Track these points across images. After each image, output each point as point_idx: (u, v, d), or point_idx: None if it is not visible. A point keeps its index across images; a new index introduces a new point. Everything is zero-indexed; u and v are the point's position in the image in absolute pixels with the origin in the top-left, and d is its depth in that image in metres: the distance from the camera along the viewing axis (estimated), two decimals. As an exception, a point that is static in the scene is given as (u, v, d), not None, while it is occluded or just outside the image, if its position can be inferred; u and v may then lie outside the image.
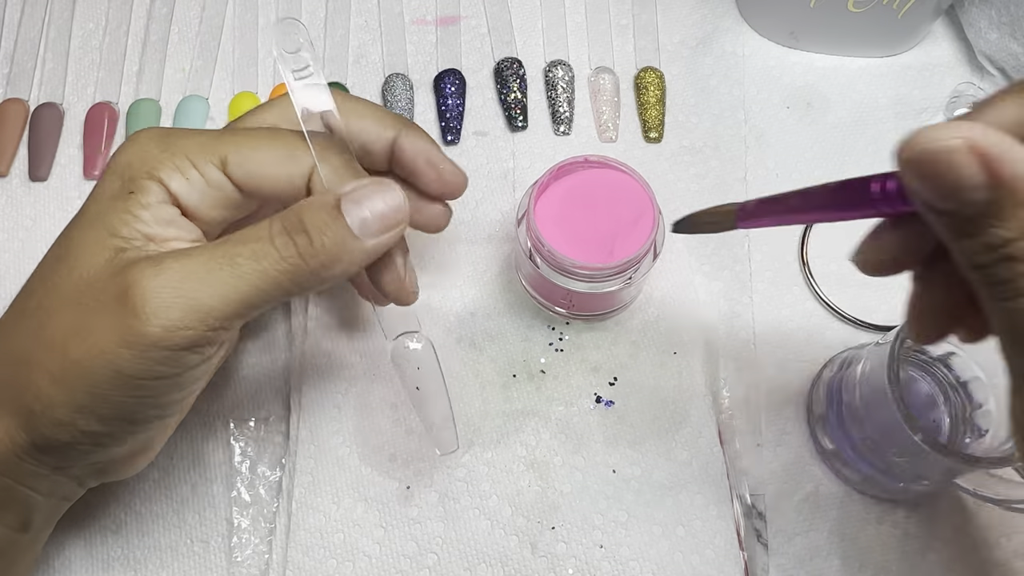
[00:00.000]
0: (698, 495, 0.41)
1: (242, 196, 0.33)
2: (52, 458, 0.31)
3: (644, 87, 0.51)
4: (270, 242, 0.30)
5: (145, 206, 0.31)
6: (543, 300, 0.44)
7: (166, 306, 0.28)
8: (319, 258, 0.30)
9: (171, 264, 0.29)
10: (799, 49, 0.53)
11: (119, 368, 0.29)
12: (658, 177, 0.49)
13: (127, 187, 0.31)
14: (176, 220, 0.32)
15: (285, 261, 0.30)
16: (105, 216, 0.31)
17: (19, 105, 0.50)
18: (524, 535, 0.40)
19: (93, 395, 0.29)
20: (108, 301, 0.29)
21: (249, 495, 0.41)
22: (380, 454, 0.42)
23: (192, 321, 0.29)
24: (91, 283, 0.30)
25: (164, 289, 0.28)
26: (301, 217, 0.30)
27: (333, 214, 0.30)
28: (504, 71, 0.51)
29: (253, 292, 0.29)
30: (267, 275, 0.29)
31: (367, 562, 0.40)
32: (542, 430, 0.43)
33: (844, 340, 0.46)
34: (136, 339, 0.28)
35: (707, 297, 0.46)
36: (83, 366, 0.29)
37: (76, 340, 0.29)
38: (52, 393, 0.29)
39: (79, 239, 0.31)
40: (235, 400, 0.43)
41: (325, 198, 0.31)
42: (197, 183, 0.32)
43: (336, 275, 0.31)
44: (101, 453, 0.32)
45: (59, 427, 0.30)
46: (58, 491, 0.33)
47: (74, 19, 0.53)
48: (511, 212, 0.48)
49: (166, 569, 0.40)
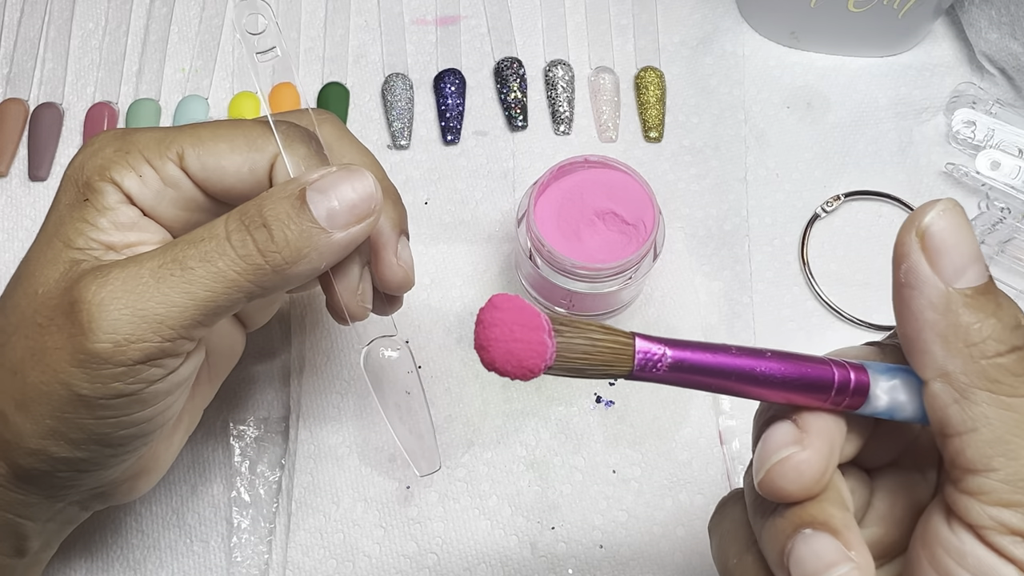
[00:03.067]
0: (698, 495, 0.41)
1: (203, 195, 0.30)
2: (37, 487, 0.30)
3: (644, 87, 0.51)
4: (225, 239, 0.27)
5: (101, 211, 0.28)
6: (543, 300, 0.44)
7: (113, 319, 0.26)
8: (282, 255, 0.27)
9: (117, 274, 0.27)
10: (799, 49, 0.53)
11: (75, 389, 0.27)
12: (658, 177, 0.49)
13: (82, 193, 0.29)
14: (139, 223, 0.29)
15: (243, 260, 0.27)
16: (61, 227, 0.29)
17: (19, 105, 0.50)
18: (524, 535, 0.40)
19: (59, 419, 0.28)
20: (59, 319, 0.27)
21: (249, 495, 0.41)
22: (380, 454, 0.42)
23: (144, 333, 0.26)
24: (45, 300, 0.28)
25: (111, 301, 0.26)
26: (261, 210, 0.27)
27: (296, 204, 0.28)
28: (504, 71, 0.51)
29: (210, 297, 0.27)
30: (223, 277, 0.27)
31: (367, 562, 0.40)
32: (542, 430, 0.43)
33: (844, 340, 0.45)
34: (86, 357, 0.26)
35: (707, 297, 0.46)
36: (41, 390, 0.27)
37: (32, 362, 0.27)
38: (18, 421, 0.28)
39: (36, 255, 0.29)
40: (235, 401, 0.43)
41: (288, 187, 0.28)
42: (152, 181, 0.29)
43: (302, 273, 0.28)
44: (88, 479, 0.30)
45: (33, 456, 0.28)
46: (57, 517, 0.32)
47: (74, 19, 0.53)
48: (511, 212, 0.48)
49: (166, 569, 0.40)
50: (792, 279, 0.47)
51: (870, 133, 0.51)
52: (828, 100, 0.52)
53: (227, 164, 0.30)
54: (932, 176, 0.50)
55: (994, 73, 0.51)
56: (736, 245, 0.48)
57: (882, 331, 0.46)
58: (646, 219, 0.40)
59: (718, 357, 0.23)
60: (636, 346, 0.23)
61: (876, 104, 0.52)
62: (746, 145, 0.50)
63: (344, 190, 0.28)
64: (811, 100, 0.52)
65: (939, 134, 0.51)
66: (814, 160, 0.50)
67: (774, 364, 0.24)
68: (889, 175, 0.50)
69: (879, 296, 0.47)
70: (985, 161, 0.48)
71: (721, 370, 0.23)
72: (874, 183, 0.49)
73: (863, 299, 0.46)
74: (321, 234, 0.28)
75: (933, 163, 0.50)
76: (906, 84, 0.52)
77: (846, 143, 0.51)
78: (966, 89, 0.51)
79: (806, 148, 0.51)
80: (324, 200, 0.28)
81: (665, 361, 0.23)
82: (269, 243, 0.27)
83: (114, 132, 0.30)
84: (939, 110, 0.52)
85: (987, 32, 0.50)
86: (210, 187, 0.30)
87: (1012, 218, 0.47)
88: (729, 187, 0.49)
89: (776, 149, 0.50)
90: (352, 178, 0.28)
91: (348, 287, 0.31)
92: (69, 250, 0.28)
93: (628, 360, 0.23)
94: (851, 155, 0.50)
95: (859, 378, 0.24)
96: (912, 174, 0.50)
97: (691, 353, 0.23)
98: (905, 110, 0.52)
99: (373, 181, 0.29)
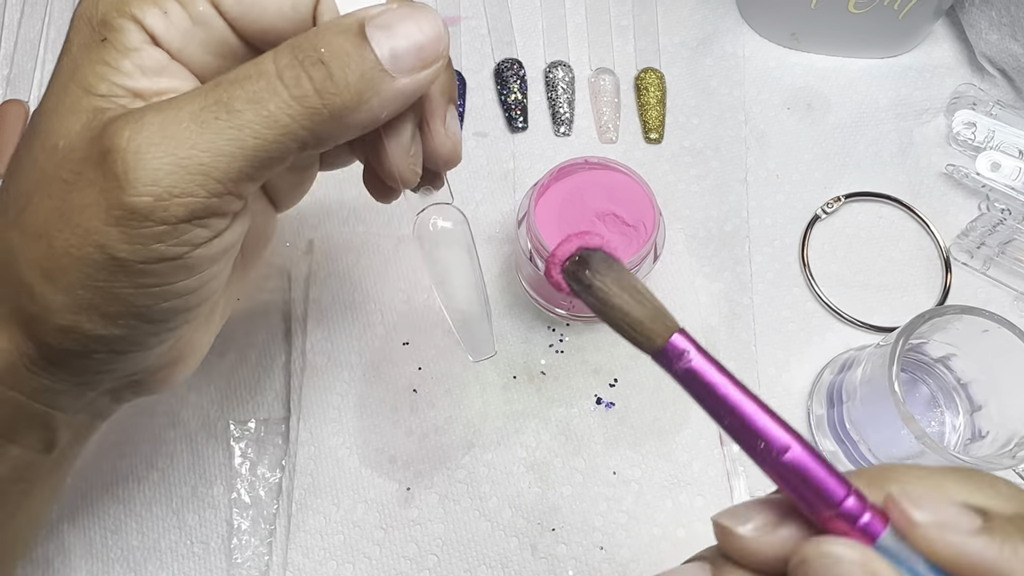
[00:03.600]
0: (698, 497, 0.41)
1: (236, 37, 0.26)
2: (68, 371, 0.27)
3: (644, 88, 0.51)
4: (277, 77, 0.24)
5: (124, 52, 0.25)
6: (543, 302, 0.44)
7: (153, 168, 0.23)
8: (341, 97, 0.24)
9: (152, 117, 0.23)
10: (800, 50, 0.53)
11: (111, 252, 0.24)
12: (658, 178, 0.49)
13: (99, 32, 0.25)
14: (168, 67, 0.25)
15: (297, 102, 0.24)
16: (78, 72, 0.25)
17: (19, 105, 0.50)
18: (524, 537, 0.40)
19: (93, 289, 0.24)
20: (88, 172, 0.24)
21: (249, 496, 0.41)
22: (380, 455, 0.42)
23: (188, 186, 0.23)
24: (68, 154, 0.24)
25: (148, 148, 0.23)
26: (316, 44, 0.24)
27: (356, 41, 0.24)
28: (504, 72, 0.51)
29: (260, 145, 0.24)
30: (275, 122, 0.24)
31: (367, 563, 0.40)
32: (542, 431, 0.42)
33: (845, 341, 0.46)
34: (124, 213, 0.23)
35: (708, 298, 0.46)
36: (72, 255, 0.24)
37: (60, 224, 0.24)
38: (46, 291, 0.25)
39: (51, 104, 0.25)
40: (235, 401, 0.43)
41: (346, 20, 0.24)
42: (178, 19, 0.25)
43: (360, 122, 0.25)
44: (124, 362, 0.28)
45: (64, 334, 0.25)
46: (87, 408, 0.30)
47: (74, 20, 0.53)
48: (511, 213, 0.48)
49: (166, 570, 0.40)
50: (792, 280, 0.47)
51: (870, 134, 0.51)
52: (828, 101, 0.52)
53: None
54: (932, 177, 0.50)
55: (994, 74, 0.51)
56: (736, 246, 0.48)
57: (882, 332, 0.46)
58: (646, 220, 0.40)
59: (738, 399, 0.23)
60: (676, 331, 0.24)
61: (876, 105, 0.52)
62: (746, 146, 0.50)
63: (409, 28, 0.24)
64: (811, 101, 0.52)
65: (939, 135, 0.51)
66: (814, 161, 0.50)
67: (788, 444, 0.22)
68: (889, 176, 0.50)
69: (879, 297, 0.47)
70: (985, 162, 0.48)
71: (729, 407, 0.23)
72: (874, 184, 0.49)
73: (863, 300, 0.46)
74: (385, 77, 0.24)
75: (933, 164, 0.50)
76: (906, 85, 0.52)
77: (846, 144, 0.51)
78: (966, 90, 0.51)
79: (806, 149, 0.51)
80: (387, 39, 0.24)
81: (687, 363, 0.23)
82: (327, 82, 0.24)
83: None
84: (939, 111, 0.52)
85: (987, 33, 0.50)
86: (245, 27, 0.26)
87: (1012, 219, 0.47)
88: (729, 188, 0.49)
89: (776, 150, 0.50)
90: (418, 16, 0.25)
91: (401, 146, 0.27)
92: (91, 96, 0.25)
93: (663, 335, 0.24)
94: (851, 156, 0.50)
95: (872, 524, 0.21)
96: (912, 175, 0.50)
97: (716, 377, 0.23)
98: (905, 111, 0.52)
99: (440, 21, 0.25)
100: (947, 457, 0.35)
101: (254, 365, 0.44)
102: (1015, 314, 0.46)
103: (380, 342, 0.44)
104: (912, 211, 0.49)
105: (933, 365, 0.42)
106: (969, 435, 0.41)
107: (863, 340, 0.46)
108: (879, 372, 0.37)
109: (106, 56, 0.25)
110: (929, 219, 0.48)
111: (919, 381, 0.43)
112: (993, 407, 0.40)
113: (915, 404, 0.43)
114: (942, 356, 0.42)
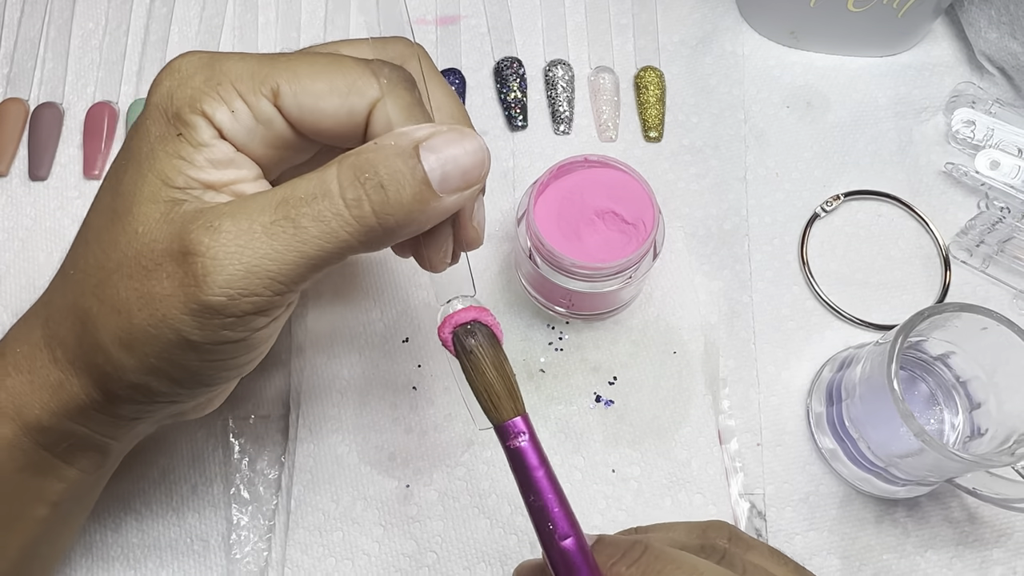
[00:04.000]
0: (697, 495, 0.41)
1: (295, 135, 0.29)
2: (129, 413, 0.31)
3: (644, 86, 0.51)
4: (340, 197, 0.26)
5: (197, 147, 0.27)
6: (543, 299, 0.44)
7: (228, 275, 0.26)
8: (396, 216, 0.26)
9: (229, 227, 0.26)
10: (799, 49, 0.53)
11: (185, 336, 0.27)
12: (658, 177, 0.49)
13: (174, 126, 0.28)
14: (235, 159, 0.28)
15: (357, 221, 0.26)
16: (156, 162, 0.28)
17: (19, 105, 0.50)
18: (523, 534, 0.40)
19: (164, 360, 0.28)
20: (168, 265, 0.27)
21: (248, 493, 0.41)
22: (380, 453, 0.42)
23: (256, 288, 0.27)
24: (149, 242, 0.27)
25: (225, 257, 0.26)
26: (376, 167, 0.26)
27: (411, 164, 0.26)
28: (504, 70, 0.51)
29: (320, 256, 0.27)
30: (335, 236, 0.26)
31: (366, 560, 0.40)
32: (541, 429, 0.43)
33: (844, 339, 0.46)
34: (200, 308, 0.26)
35: (707, 296, 0.46)
36: (149, 332, 0.27)
37: (139, 304, 0.27)
38: (122, 357, 0.28)
39: (132, 190, 0.28)
40: (235, 398, 0.43)
41: (401, 143, 0.26)
42: (244, 117, 0.28)
43: (409, 234, 0.27)
44: (177, 408, 0.32)
45: (133, 389, 0.29)
46: (135, 435, 0.34)
47: (74, 19, 0.53)
48: (511, 211, 0.48)
49: (166, 568, 0.40)
50: (792, 278, 0.47)
51: (870, 133, 0.51)
52: (828, 100, 0.52)
53: (325, 106, 0.28)
54: (932, 176, 0.50)
55: (993, 73, 0.51)
56: (736, 244, 0.48)
57: (881, 330, 0.46)
58: (646, 218, 0.40)
59: (545, 486, 0.28)
60: (520, 416, 0.29)
61: (876, 104, 0.52)
62: (746, 144, 0.50)
63: (457, 153, 0.27)
64: (811, 100, 0.52)
65: (939, 134, 0.51)
66: (814, 160, 0.50)
67: (560, 548, 0.27)
68: (889, 175, 0.50)
69: (878, 295, 0.47)
70: (984, 161, 0.48)
71: (536, 490, 0.28)
72: (874, 183, 0.49)
73: (862, 298, 0.46)
74: (433, 196, 0.27)
75: (933, 163, 0.50)
76: (906, 84, 0.52)
77: (846, 143, 0.51)
78: (965, 89, 0.51)
79: (806, 148, 0.51)
80: (438, 161, 0.26)
81: (519, 443, 0.29)
82: (386, 204, 0.26)
83: (200, 57, 0.28)
84: (939, 110, 0.52)
85: (986, 32, 0.50)
86: (304, 127, 0.29)
87: (1011, 217, 0.47)
88: (729, 186, 0.49)
89: (776, 148, 0.50)
90: (464, 139, 0.27)
91: (437, 248, 0.30)
92: (168, 188, 0.27)
93: (510, 414, 0.29)
94: (851, 155, 0.50)
95: None
96: (912, 174, 0.50)
97: (535, 461, 0.29)
98: (905, 110, 0.52)
99: (484, 145, 0.28)
100: (946, 455, 0.35)
101: (254, 363, 0.44)
102: (1014, 312, 0.46)
103: (380, 339, 0.44)
104: (911, 209, 0.49)
105: (932, 363, 0.42)
106: (968, 433, 0.41)
107: (862, 338, 0.46)
108: (878, 370, 0.37)
109: (182, 151, 0.27)
110: (928, 217, 0.48)
111: (918, 379, 0.43)
112: (992, 405, 0.40)
113: (914, 402, 0.43)
114: (941, 354, 0.42)
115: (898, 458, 0.38)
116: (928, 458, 0.36)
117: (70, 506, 0.34)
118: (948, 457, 0.35)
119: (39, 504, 0.32)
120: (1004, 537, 0.41)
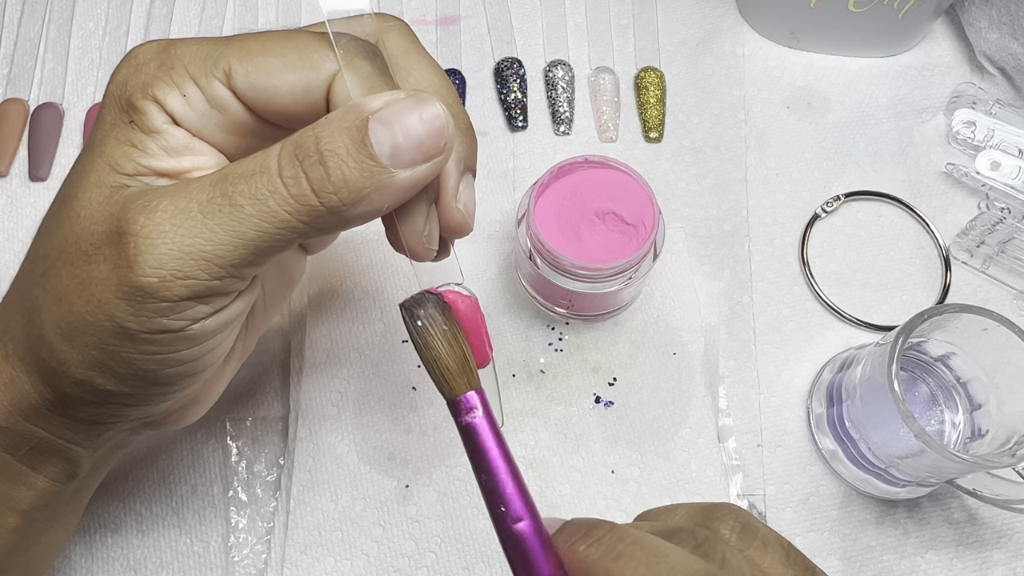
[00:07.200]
0: (697, 496, 0.41)
1: (253, 117, 0.28)
2: (84, 415, 0.29)
3: (644, 87, 0.51)
4: (277, 175, 0.25)
5: (150, 134, 0.26)
6: (543, 300, 0.44)
7: (159, 254, 0.25)
8: (339, 196, 0.25)
9: (166, 206, 0.25)
10: (799, 49, 0.53)
11: (119, 322, 0.26)
12: (658, 177, 0.49)
13: (127, 113, 0.27)
14: (191, 146, 0.27)
15: (295, 200, 0.25)
16: (106, 148, 0.27)
17: (19, 105, 0.50)
18: (523, 535, 0.40)
19: (104, 351, 0.27)
20: (105, 248, 0.26)
21: (246, 495, 0.41)
22: (379, 453, 0.42)
23: (191, 270, 0.25)
24: (89, 226, 0.26)
25: (158, 235, 0.25)
26: (317, 143, 0.25)
27: (357, 138, 0.25)
28: (504, 71, 0.51)
29: (259, 237, 0.25)
30: (274, 217, 0.25)
31: (365, 560, 0.40)
32: (541, 430, 0.42)
33: (844, 340, 0.46)
34: (131, 290, 0.25)
35: (707, 297, 0.46)
36: (87, 320, 0.26)
37: (78, 291, 0.26)
38: (64, 349, 0.27)
39: (80, 176, 0.27)
40: (232, 399, 0.43)
41: (347, 117, 0.25)
42: (197, 101, 0.27)
43: (361, 215, 0.26)
44: (135, 412, 0.30)
45: (79, 386, 0.28)
46: (106, 443, 0.31)
47: (74, 19, 0.53)
48: (511, 212, 0.48)
49: (165, 569, 0.40)
50: (792, 279, 0.47)
51: (870, 133, 0.51)
52: (828, 100, 0.52)
53: (279, 83, 0.27)
54: (932, 176, 0.50)
55: (994, 73, 0.51)
56: (736, 245, 0.48)
57: (882, 331, 0.46)
58: (646, 219, 0.40)
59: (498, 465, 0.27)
60: (474, 390, 0.28)
61: (876, 104, 0.52)
62: (746, 145, 0.50)
63: (411, 122, 0.25)
64: (811, 100, 0.52)
65: (939, 134, 0.51)
66: (814, 160, 0.50)
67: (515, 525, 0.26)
68: (889, 175, 0.50)
69: (879, 296, 0.47)
70: (985, 161, 0.48)
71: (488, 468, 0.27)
72: (874, 183, 0.49)
73: (863, 299, 0.46)
74: (383, 173, 0.25)
75: (933, 163, 0.50)
76: (906, 84, 0.52)
77: (846, 143, 0.51)
78: (966, 89, 0.51)
79: (806, 148, 0.51)
80: (388, 134, 0.25)
81: (471, 419, 0.27)
82: (325, 183, 0.25)
83: (157, 44, 0.27)
84: (939, 110, 0.52)
85: (987, 32, 0.50)
86: (260, 108, 0.27)
87: (1012, 218, 0.47)
88: (729, 187, 0.49)
89: (776, 149, 0.50)
90: (420, 108, 0.25)
91: (412, 229, 0.28)
92: (116, 175, 0.26)
93: (463, 388, 0.28)
94: (851, 155, 0.50)
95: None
96: (912, 174, 0.50)
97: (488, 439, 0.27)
98: (905, 110, 0.52)
99: (444, 112, 0.25)
100: (946, 456, 0.35)
101: (252, 363, 0.44)
102: (1014, 313, 0.46)
103: (379, 340, 0.44)
104: (912, 210, 0.48)
105: (933, 364, 0.42)
106: (969, 433, 0.41)
107: (863, 339, 0.46)
108: (879, 371, 0.37)
109: (133, 138, 0.26)
110: (929, 218, 0.48)
111: (919, 380, 0.43)
112: (992, 405, 0.40)
113: (915, 403, 0.42)
114: (942, 355, 0.42)
115: (898, 459, 0.38)
116: (928, 459, 0.36)
117: (44, 517, 0.32)
118: (948, 458, 0.35)
119: (8, 512, 0.30)
120: (1004, 538, 0.41)
